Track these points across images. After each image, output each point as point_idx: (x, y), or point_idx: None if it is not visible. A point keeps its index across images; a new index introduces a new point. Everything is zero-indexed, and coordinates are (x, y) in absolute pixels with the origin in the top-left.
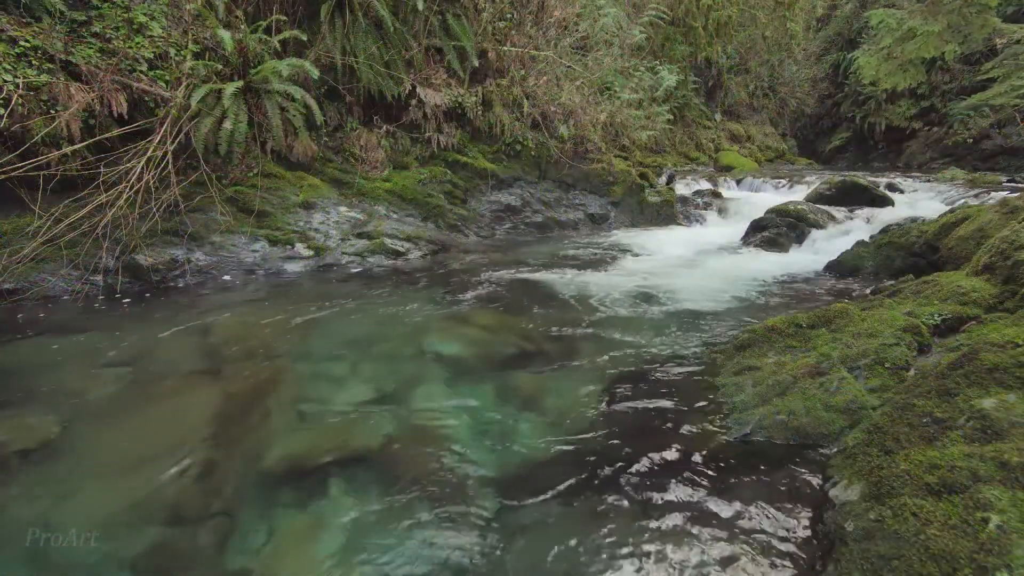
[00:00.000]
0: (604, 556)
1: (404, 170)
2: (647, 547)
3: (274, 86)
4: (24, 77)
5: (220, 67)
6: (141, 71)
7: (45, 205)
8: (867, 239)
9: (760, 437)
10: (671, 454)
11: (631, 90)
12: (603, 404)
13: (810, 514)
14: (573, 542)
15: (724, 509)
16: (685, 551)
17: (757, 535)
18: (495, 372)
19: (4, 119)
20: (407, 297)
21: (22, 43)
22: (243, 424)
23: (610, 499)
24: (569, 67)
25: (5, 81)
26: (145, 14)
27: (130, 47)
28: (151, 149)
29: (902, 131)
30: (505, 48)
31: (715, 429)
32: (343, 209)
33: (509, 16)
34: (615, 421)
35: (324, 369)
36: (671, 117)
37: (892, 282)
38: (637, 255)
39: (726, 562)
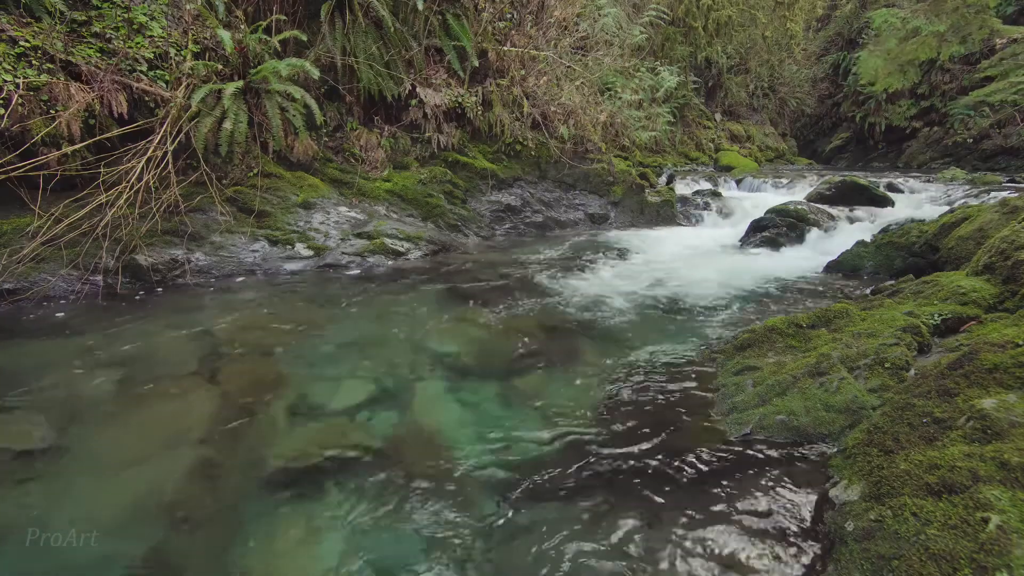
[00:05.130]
0: (603, 556)
1: (404, 170)
2: (646, 547)
3: (274, 86)
4: (24, 77)
5: (220, 67)
6: (141, 71)
7: (45, 205)
8: (867, 239)
9: (760, 437)
10: (671, 454)
11: (631, 90)
12: (603, 404)
13: (810, 514)
14: (573, 542)
15: (724, 509)
16: (685, 551)
17: (757, 535)
18: (495, 372)
19: (4, 119)
20: (407, 297)
21: (22, 43)
22: (242, 424)
23: (609, 499)
24: (569, 67)
25: (5, 81)
26: (145, 14)
27: (130, 47)
28: (151, 149)
29: (902, 131)
30: (505, 48)
31: (715, 429)
32: (343, 209)
33: (509, 16)
34: (615, 421)
35: (324, 369)
36: (672, 118)
37: (892, 282)
38: (637, 255)
39: (726, 562)
